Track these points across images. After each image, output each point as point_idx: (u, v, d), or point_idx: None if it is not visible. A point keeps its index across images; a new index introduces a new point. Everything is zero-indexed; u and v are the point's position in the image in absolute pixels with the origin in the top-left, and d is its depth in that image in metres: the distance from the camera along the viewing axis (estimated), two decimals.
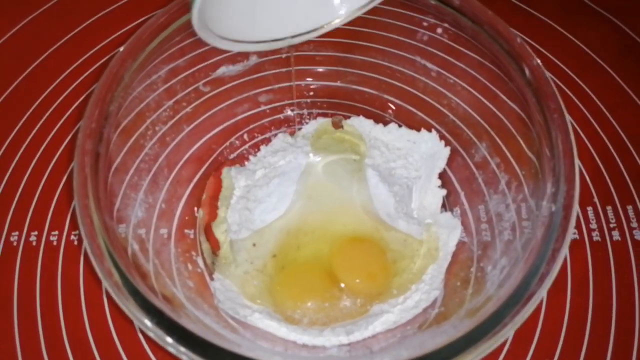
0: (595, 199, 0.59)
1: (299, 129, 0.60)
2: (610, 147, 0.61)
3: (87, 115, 0.42)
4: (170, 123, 0.52)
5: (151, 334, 0.36)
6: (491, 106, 0.51)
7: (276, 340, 0.48)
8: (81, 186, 0.40)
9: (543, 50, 0.66)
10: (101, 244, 0.38)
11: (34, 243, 0.56)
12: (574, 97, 0.64)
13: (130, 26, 0.68)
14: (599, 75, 0.66)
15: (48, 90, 0.64)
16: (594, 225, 0.57)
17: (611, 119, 0.63)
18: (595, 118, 0.63)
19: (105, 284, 0.38)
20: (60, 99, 0.63)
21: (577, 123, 0.62)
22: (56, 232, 0.56)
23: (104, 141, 0.42)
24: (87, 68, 0.65)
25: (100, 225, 0.39)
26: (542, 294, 0.37)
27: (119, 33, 0.68)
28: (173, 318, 0.36)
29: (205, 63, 0.53)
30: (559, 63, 0.66)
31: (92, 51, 0.66)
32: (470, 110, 0.54)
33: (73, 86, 0.64)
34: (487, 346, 0.36)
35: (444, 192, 0.55)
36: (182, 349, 0.35)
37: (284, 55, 0.56)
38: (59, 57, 0.66)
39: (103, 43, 0.67)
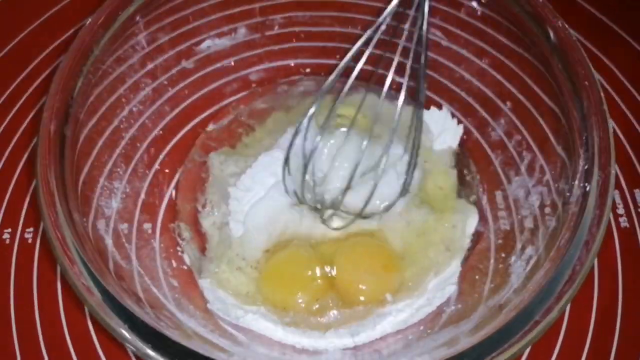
0: (623, 183, 0.54)
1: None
2: (638, 127, 0.56)
3: (51, 92, 0.37)
4: (150, 104, 0.47)
5: (125, 343, 0.32)
6: (508, 80, 0.46)
7: (273, 344, 0.43)
8: (43, 174, 0.35)
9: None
10: (67, 238, 0.34)
11: (7, 241, 0.51)
12: (598, 75, 0.58)
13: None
14: (624, 52, 0.60)
15: (15, 82, 0.59)
16: (621, 210, 0.52)
17: (637, 95, 0.58)
18: (621, 97, 0.58)
19: (72, 283, 0.33)
20: (30, 89, 0.58)
21: None
22: (31, 229, 0.52)
23: (71, 122, 0.38)
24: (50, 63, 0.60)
25: (65, 216, 0.34)
26: (578, 285, 0.32)
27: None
28: (147, 322, 0.31)
29: (189, 36, 0.48)
30: (582, 39, 0.60)
31: (54, 45, 0.61)
32: (484, 86, 0.49)
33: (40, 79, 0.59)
34: (516, 349, 0.31)
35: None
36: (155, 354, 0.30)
37: (276, 29, 0.51)
38: (18, 53, 0.61)
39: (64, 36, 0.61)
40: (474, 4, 0.45)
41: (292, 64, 0.55)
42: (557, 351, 0.46)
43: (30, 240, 0.51)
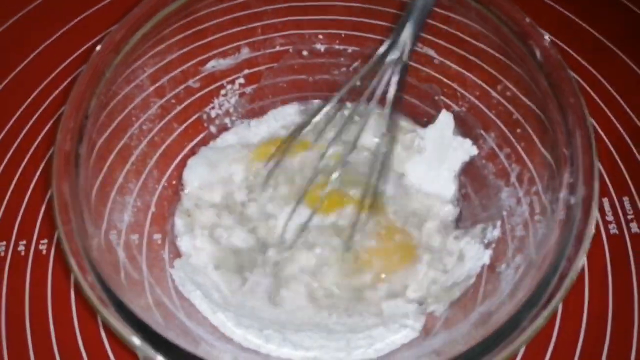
0: (611, 189, 0.55)
1: None
2: (625, 135, 0.58)
3: (65, 114, 0.39)
4: (159, 121, 0.49)
5: (138, 352, 0.34)
6: (499, 94, 0.48)
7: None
8: (59, 191, 0.37)
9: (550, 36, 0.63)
10: (81, 252, 0.36)
11: (23, 252, 0.53)
12: (584, 84, 0.60)
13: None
14: (610, 60, 0.62)
15: (31, 97, 0.61)
16: (610, 218, 0.54)
17: (624, 105, 0.60)
18: (607, 105, 0.60)
19: (85, 293, 0.35)
20: (45, 104, 0.60)
21: (589, 111, 0.59)
22: (45, 241, 0.54)
23: (85, 141, 0.40)
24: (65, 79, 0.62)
25: (79, 231, 0.36)
26: (563, 294, 0.34)
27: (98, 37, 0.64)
28: (158, 331, 0.33)
29: (194, 56, 0.50)
30: (567, 48, 0.62)
31: (68, 60, 0.63)
32: (475, 100, 0.51)
33: (54, 94, 0.61)
34: (504, 355, 0.33)
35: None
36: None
37: (277, 47, 0.54)
38: (34, 69, 0.63)
39: (79, 52, 0.63)
40: (464, 22, 0.47)
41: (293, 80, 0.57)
42: (549, 357, 0.48)
43: (44, 252, 0.53)
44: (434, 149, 0.53)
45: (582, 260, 0.34)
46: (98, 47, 0.42)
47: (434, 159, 0.53)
